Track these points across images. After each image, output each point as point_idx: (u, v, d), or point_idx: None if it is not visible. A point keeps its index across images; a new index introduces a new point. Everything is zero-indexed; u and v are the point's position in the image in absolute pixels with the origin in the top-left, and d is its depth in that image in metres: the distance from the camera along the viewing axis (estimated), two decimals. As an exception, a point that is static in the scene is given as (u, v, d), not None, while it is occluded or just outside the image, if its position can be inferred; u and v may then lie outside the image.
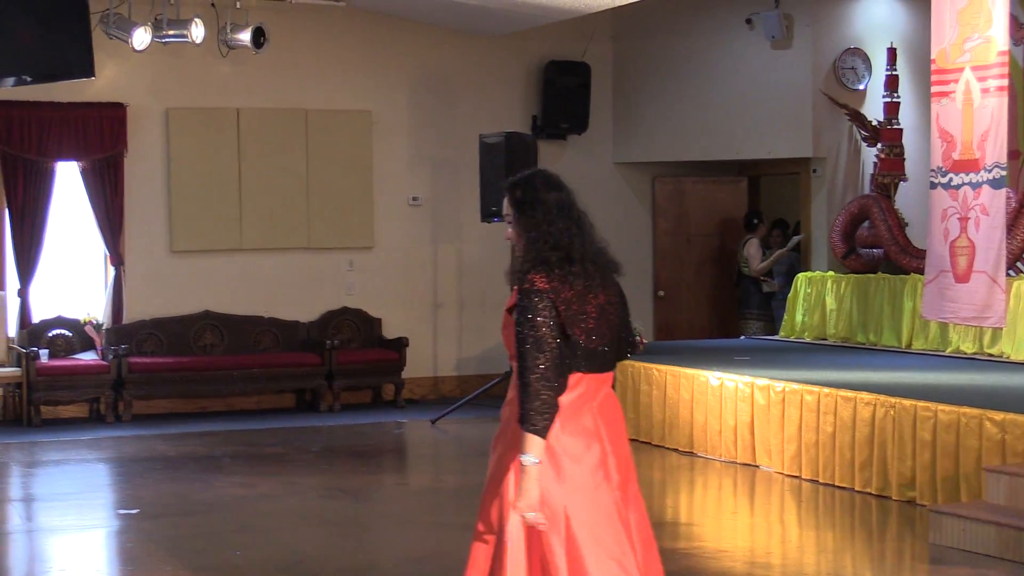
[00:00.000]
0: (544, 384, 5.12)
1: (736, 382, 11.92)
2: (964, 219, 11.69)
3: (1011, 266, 12.48)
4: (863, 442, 10.51)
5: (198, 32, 14.00)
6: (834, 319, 14.69)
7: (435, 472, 12.54)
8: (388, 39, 16.16)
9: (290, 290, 15.83)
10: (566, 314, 5.19)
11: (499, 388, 13.16)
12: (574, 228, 5.31)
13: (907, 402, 10.19)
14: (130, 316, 15.12)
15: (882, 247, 14.64)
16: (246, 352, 15.44)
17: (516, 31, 16.12)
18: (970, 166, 11.59)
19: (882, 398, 10.43)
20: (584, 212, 5.42)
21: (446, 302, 16.49)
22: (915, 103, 15.47)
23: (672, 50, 16.88)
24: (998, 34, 11.33)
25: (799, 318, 15.11)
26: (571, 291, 5.22)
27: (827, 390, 10.95)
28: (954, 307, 11.84)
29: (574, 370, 5.24)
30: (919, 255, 13.55)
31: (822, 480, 10.90)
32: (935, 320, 12.62)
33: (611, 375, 5.43)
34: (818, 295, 14.92)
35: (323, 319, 15.91)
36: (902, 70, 15.44)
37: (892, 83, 15.32)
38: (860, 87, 15.93)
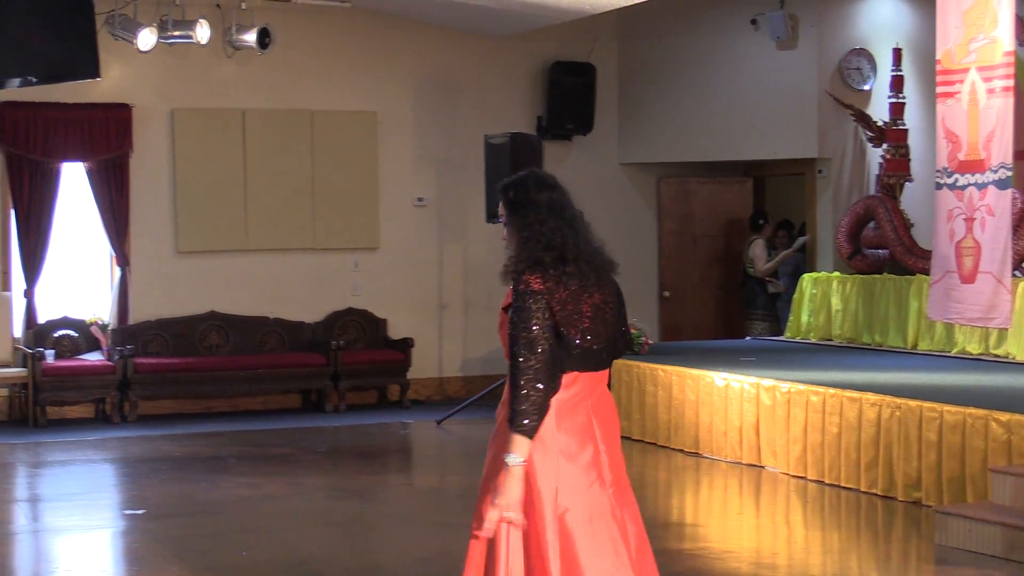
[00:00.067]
0: (534, 385, 5.13)
1: (742, 383, 11.91)
2: (970, 220, 11.68)
3: (1017, 267, 12.46)
4: (869, 443, 10.50)
5: (203, 33, 14.03)
6: (840, 320, 14.68)
7: (440, 472, 12.54)
8: (393, 40, 16.17)
9: (295, 291, 15.84)
10: (561, 314, 5.19)
11: (504, 389, 13.13)
12: (567, 228, 5.31)
13: (913, 403, 10.18)
14: (136, 317, 15.13)
15: (888, 248, 14.63)
16: (251, 353, 15.45)
17: (521, 32, 16.12)
18: (976, 166, 11.59)
19: (888, 399, 10.42)
20: (579, 212, 5.42)
21: (451, 303, 16.49)
22: (920, 104, 15.46)
23: (677, 51, 16.87)
24: (1004, 34, 11.33)
25: (804, 319, 15.10)
26: (566, 291, 5.23)
27: (833, 391, 10.94)
28: (960, 308, 11.83)
29: (569, 369, 5.24)
30: (925, 256, 13.54)
31: (828, 481, 10.89)
32: (941, 321, 12.62)
33: (606, 374, 5.43)
34: (824, 296, 14.91)
35: (328, 320, 15.91)
36: (907, 70, 15.43)
37: (897, 83, 15.31)
38: (865, 88, 15.92)
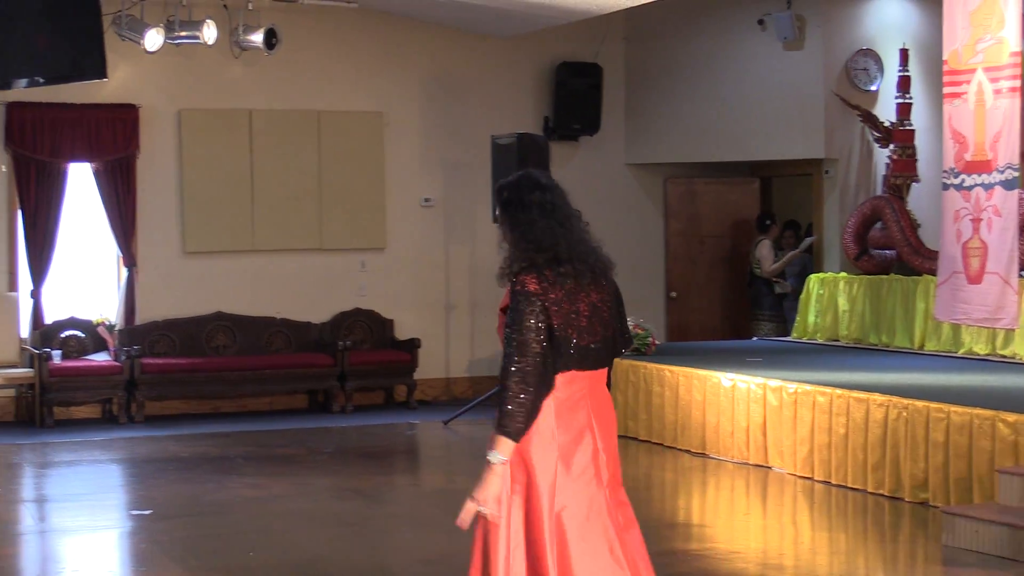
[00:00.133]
0: (523, 387, 5.17)
1: (748, 383, 11.90)
2: (977, 220, 11.67)
3: (1024, 267, 12.48)
4: (876, 443, 10.49)
5: (210, 33, 14.04)
6: (846, 320, 14.67)
7: (447, 473, 12.53)
8: (400, 40, 16.17)
9: (302, 291, 15.84)
10: (557, 314, 5.23)
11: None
12: (558, 228, 5.33)
13: (920, 403, 10.17)
14: (142, 317, 15.14)
15: (894, 248, 14.62)
16: (258, 353, 15.45)
17: (528, 32, 16.12)
18: (982, 167, 11.57)
19: (895, 399, 10.41)
20: (576, 212, 5.44)
21: (458, 303, 16.49)
22: (927, 104, 15.45)
23: (684, 51, 16.87)
24: (1010, 35, 11.31)
25: (811, 319, 15.09)
26: (561, 291, 5.26)
27: (840, 391, 10.93)
28: (967, 308, 11.81)
29: (567, 368, 5.27)
30: (931, 256, 13.53)
31: (835, 481, 10.88)
32: (948, 321, 12.60)
33: (605, 372, 5.46)
34: (830, 296, 14.90)
35: (335, 320, 15.92)
36: (914, 71, 15.42)
37: (904, 84, 15.30)
38: (872, 88, 15.91)
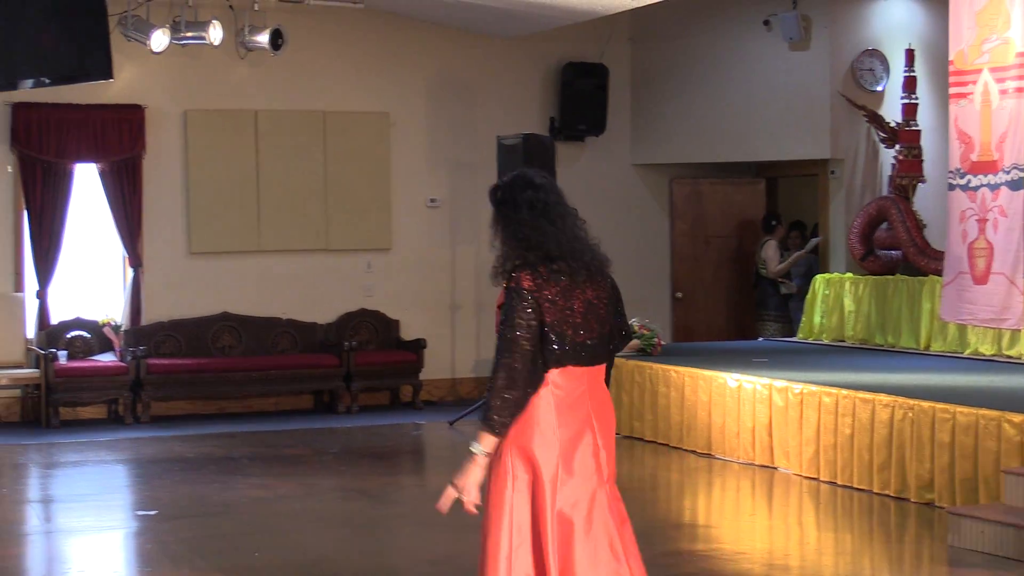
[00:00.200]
0: (508, 384, 5.23)
1: (754, 384, 11.90)
2: (982, 221, 11.67)
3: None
4: (881, 444, 10.49)
5: (216, 34, 14.05)
6: (852, 321, 14.66)
7: (453, 473, 12.53)
8: (406, 41, 16.17)
9: (308, 292, 15.84)
10: (551, 311, 5.28)
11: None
12: (549, 226, 5.35)
13: (925, 404, 10.17)
14: (148, 318, 15.15)
15: (900, 249, 14.61)
16: (264, 354, 15.46)
17: (534, 33, 16.12)
18: (988, 167, 11.57)
19: (900, 400, 10.40)
20: (572, 210, 5.47)
21: (464, 304, 16.48)
22: (933, 104, 15.43)
23: (690, 52, 16.86)
24: (1016, 35, 11.31)
25: (817, 320, 15.08)
26: (555, 288, 5.30)
27: (845, 392, 10.92)
28: (972, 309, 11.82)
29: (564, 364, 5.32)
30: (937, 257, 13.53)
31: (840, 482, 10.87)
32: (953, 322, 12.60)
33: (603, 368, 5.51)
34: (836, 297, 14.89)
35: (341, 321, 15.92)
36: (920, 71, 15.40)
37: (910, 84, 15.28)
38: (878, 88, 15.90)
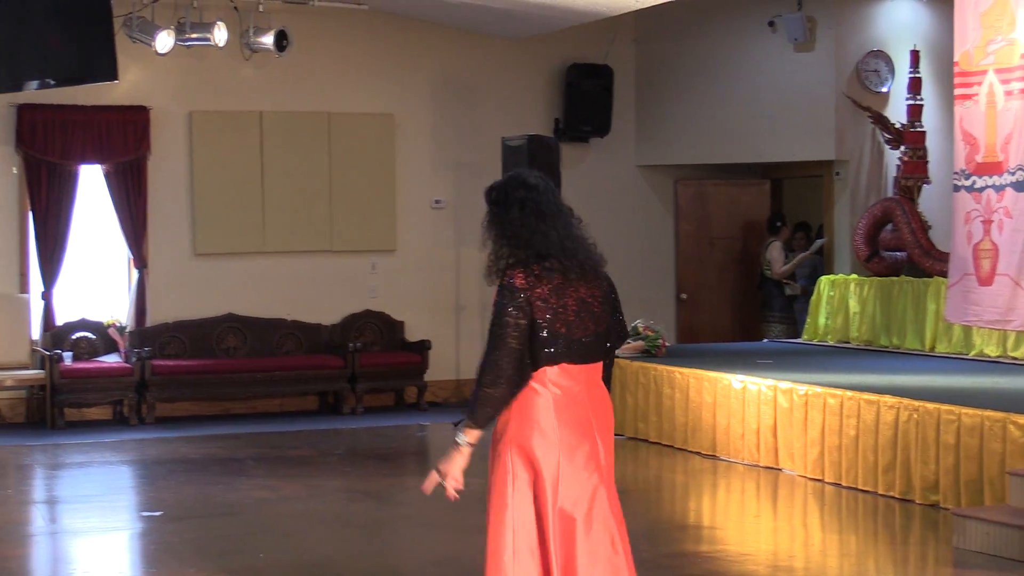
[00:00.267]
0: (493, 380, 5.33)
1: (759, 385, 11.89)
2: (987, 222, 11.65)
3: (1035, 269, 12.44)
4: (886, 445, 10.48)
5: (221, 35, 14.06)
6: (857, 322, 14.65)
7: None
8: (410, 42, 16.18)
9: (313, 293, 15.85)
10: (543, 308, 5.34)
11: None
12: (539, 224, 5.41)
13: (930, 405, 10.16)
14: (153, 319, 15.15)
15: (905, 250, 14.60)
16: (269, 355, 15.47)
17: (538, 34, 16.12)
18: (993, 169, 11.55)
19: (905, 401, 10.39)
20: (566, 209, 5.53)
21: (468, 305, 16.48)
22: (938, 105, 15.43)
23: (695, 53, 16.86)
24: (1021, 36, 11.29)
25: (822, 321, 15.08)
26: (548, 286, 5.37)
27: (850, 393, 10.92)
28: (977, 310, 11.80)
29: (557, 360, 5.38)
30: (942, 258, 13.51)
31: (845, 484, 10.87)
32: (958, 323, 12.58)
33: (600, 367, 5.56)
34: (841, 298, 14.89)
35: (346, 322, 15.92)
36: (925, 72, 15.40)
37: (915, 85, 15.28)
38: (883, 90, 15.90)
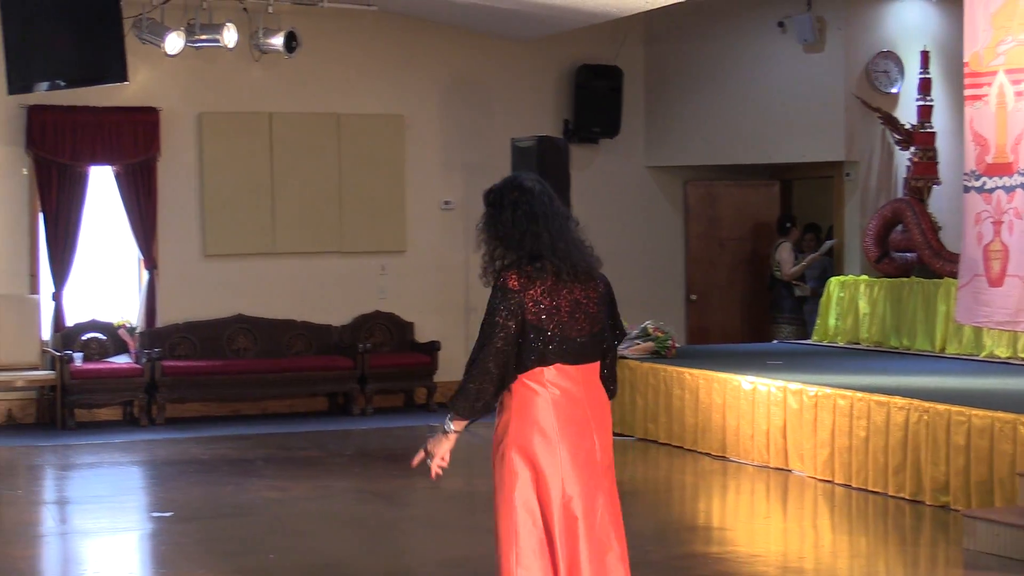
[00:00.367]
0: (477, 377, 5.48)
1: (769, 386, 11.88)
2: (998, 223, 11.63)
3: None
4: (896, 447, 10.47)
5: (231, 37, 14.07)
6: (867, 323, 14.64)
7: (468, 476, 12.51)
8: (420, 43, 16.18)
9: (322, 294, 15.86)
10: (535, 310, 5.45)
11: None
12: (532, 226, 5.48)
13: (941, 407, 10.15)
14: (163, 320, 15.17)
15: (915, 251, 14.59)
16: (278, 356, 15.47)
17: (548, 35, 16.12)
18: (1004, 170, 11.53)
19: (916, 403, 10.38)
20: (561, 212, 5.59)
21: (478, 306, 16.31)
22: (948, 106, 15.40)
23: (704, 54, 16.85)
24: (1032, 37, 11.27)
25: (832, 322, 15.06)
26: (541, 287, 5.46)
27: (860, 394, 10.91)
28: (988, 311, 11.78)
29: (550, 361, 5.49)
30: (952, 259, 13.50)
31: (855, 485, 10.86)
32: (969, 324, 12.56)
33: (596, 367, 5.64)
34: (851, 299, 14.88)
35: (355, 323, 15.93)
36: (935, 73, 15.38)
37: (925, 86, 15.26)
38: (893, 90, 15.88)
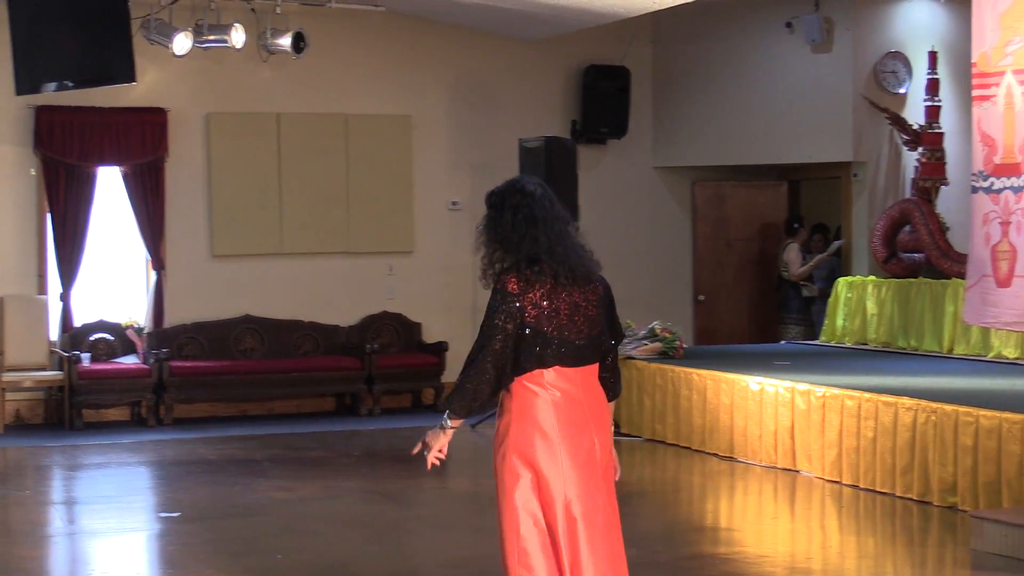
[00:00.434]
0: (473, 378, 5.55)
1: (776, 387, 11.88)
2: (1006, 223, 11.61)
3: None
4: (904, 447, 10.46)
5: (238, 37, 14.07)
6: (875, 324, 14.63)
7: (475, 476, 12.52)
8: (427, 44, 16.19)
9: (330, 294, 15.86)
10: (534, 313, 5.53)
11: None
12: (531, 229, 5.55)
13: (948, 407, 10.14)
14: (171, 320, 15.18)
15: (923, 251, 14.58)
16: (286, 356, 15.48)
17: (556, 35, 16.12)
18: (1011, 170, 11.51)
19: (923, 403, 10.37)
20: (561, 216, 5.63)
21: (485, 307, 16.43)
22: (956, 107, 15.40)
23: (712, 54, 16.85)
24: (1040, 37, 11.26)
25: (840, 323, 15.06)
26: (540, 290, 5.54)
27: (868, 395, 10.90)
28: (996, 312, 11.76)
29: (549, 363, 5.54)
30: (960, 259, 13.49)
31: (863, 485, 10.85)
32: (977, 325, 12.55)
33: (595, 368, 5.68)
34: (859, 300, 14.87)
35: (363, 323, 15.94)
36: (943, 74, 15.37)
37: (933, 87, 15.26)
38: (901, 91, 15.87)
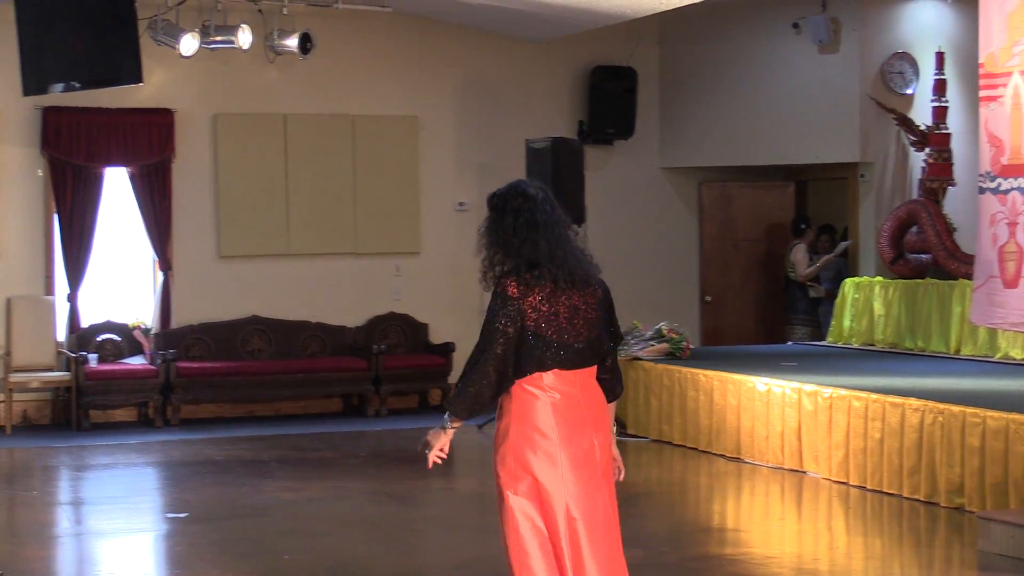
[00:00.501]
0: (475, 380, 5.58)
1: (783, 388, 11.87)
2: (1013, 224, 11.60)
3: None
4: (911, 448, 10.45)
5: (245, 38, 14.09)
6: (882, 325, 14.62)
7: (481, 477, 12.51)
8: (434, 45, 16.19)
9: (337, 295, 15.87)
10: (534, 316, 5.58)
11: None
12: (531, 233, 5.59)
13: (956, 408, 10.13)
14: (178, 321, 15.19)
15: (930, 252, 14.56)
16: (293, 357, 15.49)
17: (562, 36, 16.12)
18: (1019, 171, 11.50)
19: (930, 404, 10.37)
20: (561, 220, 5.68)
21: (491, 308, 16.44)
22: (963, 107, 15.38)
23: (719, 55, 16.84)
24: (1048, 38, 11.24)
25: (847, 323, 15.05)
26: (540, 294, 5.59)
27: (875, 396, 10.89)
28: (1003, 313, 11.74)
29: (547, 366, 5.59)
30: (967, 260, 13.47)
31: (870, 486, 10.84)
32: (984, 326, 12.53)
33: (594, 370, 5.73)
34: (866, 300, 14.86)
35: (370, 324, 15.94)
36: (950, 74, 15.36)
37: (940, 87, 15.24)
38: (908, 91, 15.85)
